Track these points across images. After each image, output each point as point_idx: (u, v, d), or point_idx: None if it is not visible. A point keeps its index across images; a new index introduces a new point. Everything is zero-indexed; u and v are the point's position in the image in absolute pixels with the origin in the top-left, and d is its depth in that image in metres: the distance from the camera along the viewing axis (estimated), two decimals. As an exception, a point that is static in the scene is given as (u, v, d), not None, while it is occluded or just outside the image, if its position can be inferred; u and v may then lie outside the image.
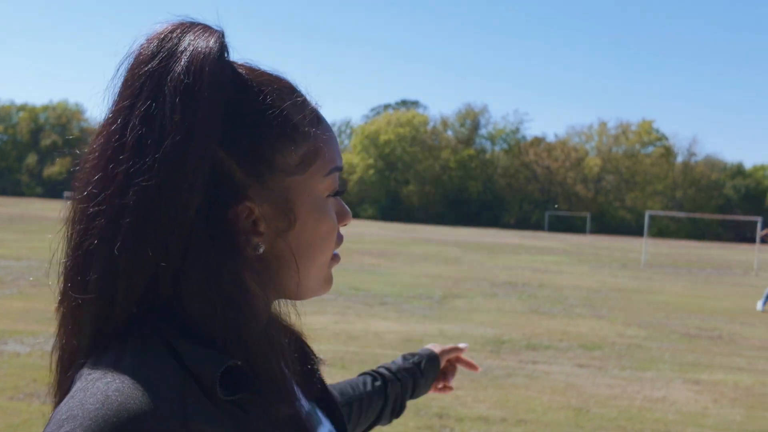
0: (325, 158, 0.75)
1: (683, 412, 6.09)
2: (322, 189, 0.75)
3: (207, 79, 0.66)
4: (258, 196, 0.70)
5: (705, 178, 75.54)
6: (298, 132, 0.72)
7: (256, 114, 0.70)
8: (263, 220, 0.71)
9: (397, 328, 9.34)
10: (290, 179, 0.72)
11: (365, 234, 36.12)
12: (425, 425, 5.28)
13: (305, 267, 0.75)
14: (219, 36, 0.70)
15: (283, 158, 0.71)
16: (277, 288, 0.76)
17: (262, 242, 0.71)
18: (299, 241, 0.73)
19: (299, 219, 0.73)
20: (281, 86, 0.74)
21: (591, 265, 23.31)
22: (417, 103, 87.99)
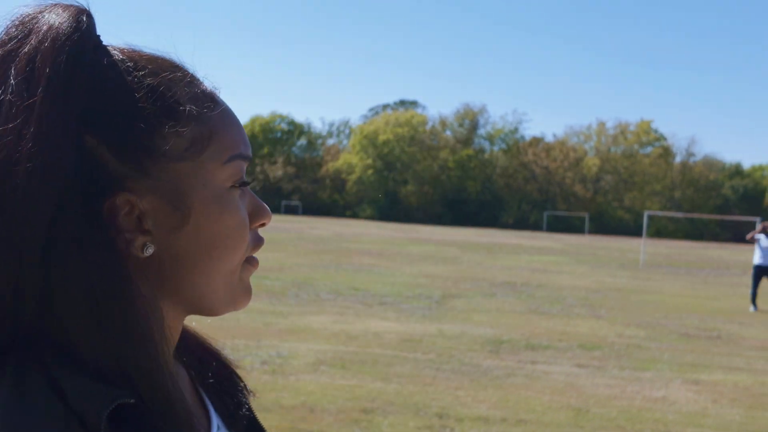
0: (222, 143, 0.64)
1: (683, 412, 6.09)
2: (222, 178, 0.64)
3: (57, 58, 0.56)
4: (140, 187, 0.60)
5: (703, 179, 75.62)
6: (184, 112, 0.62)
7: (128, 93, 0.60)
8: (149, 216, 0.60)
9: (396, 328, 9.34)
10: (178, 166, 0.61)
11: (363, 234, 36.13)
12: (425, 425, 5.27)
13: (210, 271, 0.64)
14: (76, 12, 0.60)
15: (165, 141, 0.60)
16: (178, 299, 0.64)
17: (150, 242, 0.61)
18: (198, 240, 0.62)
19: (194, 213, 0.62)
20: (161, 64, 0.64)
21: (589, 265, 23.33)
22: (415, 103, 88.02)
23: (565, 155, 76.72)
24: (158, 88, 0.61)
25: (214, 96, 0.66)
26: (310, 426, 5.12)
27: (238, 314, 9.57)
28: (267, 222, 0.71)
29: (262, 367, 6.75)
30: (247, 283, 0.69)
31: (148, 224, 0.61)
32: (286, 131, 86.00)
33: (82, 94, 0.57)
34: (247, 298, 0.69)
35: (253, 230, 0.69)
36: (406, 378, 6.67)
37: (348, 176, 79.36)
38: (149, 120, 0.60)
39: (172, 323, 0.66)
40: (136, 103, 0.60)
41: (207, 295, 0.65)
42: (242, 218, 0.66)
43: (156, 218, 0.61)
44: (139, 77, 0.61)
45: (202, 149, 0.62)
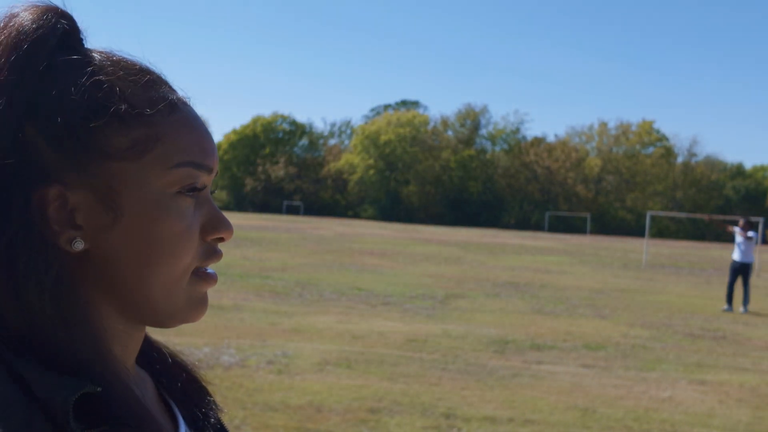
0: (170, 148, 0.63)
1: (690, 412, 6.08)
2: (164, 183, 0.62)
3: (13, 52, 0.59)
4: (74, 182, 0.60)
5: (705, 179, 75.56)
6: (132, 112, 0.62)
7: (75, 89, 0.61)
8: (80, 211, 0.61)
9: (401, 328, 9.33)
10: (116, 165, 0.61)
11: (365, 234, 36.13)
12: (432, 425, 5.27)
13: (145, 277, 0.63)
14: (43, 11, 0.62)
15: (106, 139, 0.61)
16: (121, 303, 0.64)
17: (82, 238, 0.61)
18: (131, 242, 0.62)
19: (127, 214, 0.61)
20: (123, 66, 0.64)
21: (592, 265, 23.31)
22: (417, 103, 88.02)
23: (566, 155, 76.65)
24: (108, 87, 0.62)
25: (174, 102, 0.65)
26: (318, 425, 5.11)
27: (242, 314, 9.58)
28: (226, 237, 0.68)
29: (268, 367, 6.75)
30: (197, 297, 0.67)
31: (80, 219, 0.61)
32: (288, 131, 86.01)
33: (31, 86, 0.59)
34: (195, 313, 0.67)
35: (209, 243, 0.67)
36: (412, 378, 6.66)
37: (350, 176, 79.36)
38: (91, 116, 0.60)
39: (121, 329, 0.65)
40: (80, 98, 0.60)
41: (144, 303, 0.64)
42: (184, 227, 0.64)
43: (88, 215, 0.61)
44: (91, 75, 0.62)
45: (143, 152, 0.62)
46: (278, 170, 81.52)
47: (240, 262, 16.63)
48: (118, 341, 0.65)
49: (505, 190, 77.24)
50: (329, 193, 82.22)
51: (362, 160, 78.07)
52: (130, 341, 0.67)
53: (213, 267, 0.69)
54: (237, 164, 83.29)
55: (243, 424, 5.02)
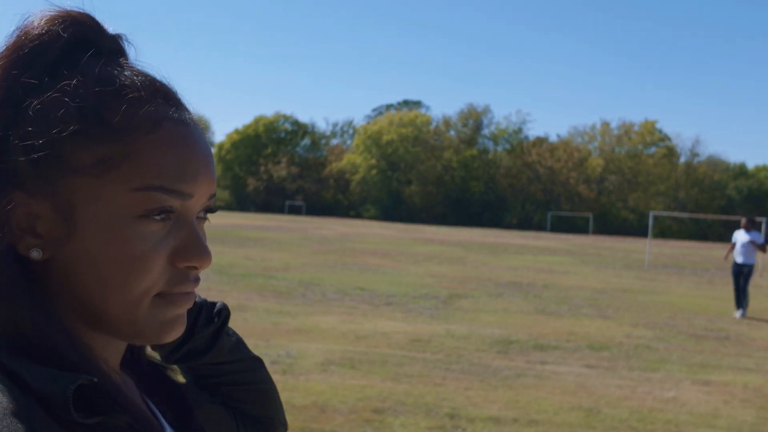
0: (141, 168, 0.61)
1: (694, 413, 6.07)
2: (127, 204, 0.61)
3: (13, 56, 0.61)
4: (38, 192, 0.61)
5: (708, 179, 75.47)
6: (103, 127, 0.60)
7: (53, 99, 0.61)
8: (41, 220, 0.61)
9: (404, 328, 9.33)
10: (78, 180, 0.60)
11: (368, 234, 36.13)
12: (437, 425, 5.26)
13: (101, 295, 0.62)
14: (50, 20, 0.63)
15: (72, 153, 0.60)
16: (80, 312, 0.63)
17: (40, 247, 0.61)
18: (86, 256, 0.61)
19: (81, 230, 0.61)
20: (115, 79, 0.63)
21: (595, 265, 23.29)
22: (419, 103, 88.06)
23: (569, 155, 76.61)
24: (84, 101, 0.61)
25: (158, 121, 0.62)
26: (322, 426, 5.11)
27: (246, 314, 9.58)
28: (198, 266, 0.65)
29: (272, 367, 6.74)
30: (164, 319, 0.64)
31: (40, 228, 0.61)
32: (290, 131, 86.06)
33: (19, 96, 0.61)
34: (162, 334, 0.65)
35: (180, 269, 0.64)
36: (416, 378, 6.66)
37: (352, 176, 79.37)
38: (62, 128, 0.60)
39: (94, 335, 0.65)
40: (56, 111, 0.60)
41: (104, 318, 0.63)
42: (143, 251, 0.61)
43: (47, 225, 0.61)
44: (73, 86, 0.61)
45: (107, 169, 0.60)
46: (280, 170, 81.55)
47: (242, 262, 16.63)
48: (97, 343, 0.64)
49: (508, 190, 77.20)
50: (331, 193, 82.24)
51: (364, 160, 78.08)
52: (108, 345, 0.66)
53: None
54: (239, 164, 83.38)
55: (248, 424, 5.02)
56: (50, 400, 0.55)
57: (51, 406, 0.54)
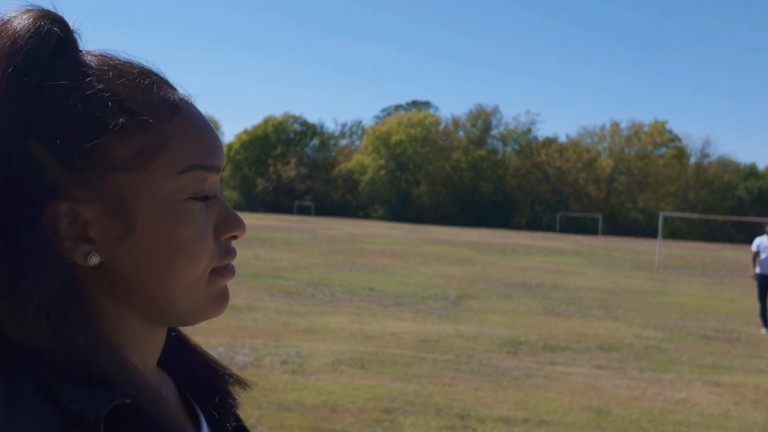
0: (176, 152, 0.61)
1: (705, 414, 6.05)
2: (174, 188, 0.61)
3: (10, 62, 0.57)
4: (83, 196, 0.59)
5: (718, 180, 75.03)
6: (134, 121, 0.60)
7: (75, 100, 0.59)
8: (93, 225, 0.60)
9: (413, 328, 9.34)
10: (122, 176, 0.60)
11: (376, 234, 36.13)
12: (447, 425, 5.27)
13: (164, 283, 0.62)
14: (38, 16, 0.60)
15: (110, 151, 0.59)
16: (141, 309, 0.64)
17: (96, 251, 0.60)
18: (148, 251, 0.61)
19: (140, 223, 0.60)
20: (123, 70, 0.62)
21: (604, 266, 23.22)
22: (428, 103, 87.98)
23: (578, 156, 76.34)
24: (108, 97, 0.60)
25: (176, 104, 0.63)
26: (333, 425, 5.13)
27: (256, 314, 9.61)
28: (238, 234, 0.67)
29: (282, 367, 6.77)
30: (217, 293, 0.66)
31: (93, 233, 0.60)
32: (299, 132, 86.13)
33: (31, 100, 0.57)
34: (217, 308, 0.67)
35: (223, 242, 0.67)
36: (425, 378, 6.67)
37: (360, 177, 79.37)
38: (94, 128, 0.59)
39: (142, 335, 0.65)
40: (81, 111, 0.59)
41: (166, 307, 0.64)
42: (198, 231, 0.63)
43: (101, 227, 0.60)
44: (90, 85, 0.60)
45: (150, 160, 0.60)
46: (289, 170, 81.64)
47: (252, 262, 16.67)
48: (138, 348, 0.65)
49: (516, 191, 77.01)
50: (340, 194, 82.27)
51: (373, 161, 78.06)
52: (151, 346, 0.67)
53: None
54: (248, 164, 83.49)
55: (258, 424, 5.04)
56: (83, 421, 0.54)
57: (84, 426, 0.54)
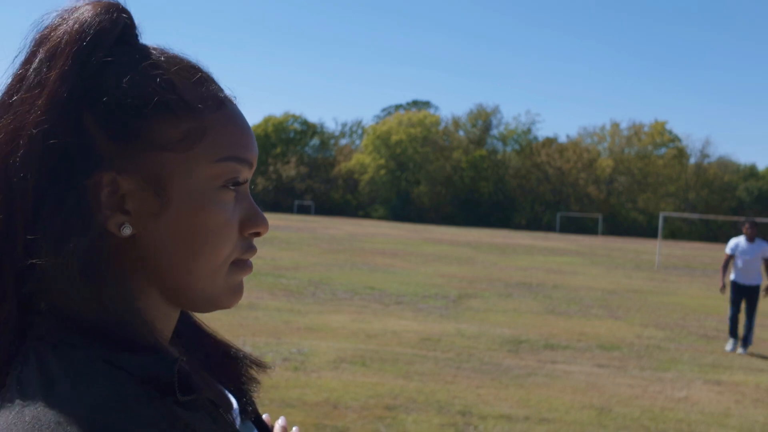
0: (216, 142, 0.66)
1: (706, 412, 6.07)
2: (209, 175, 0.65)
3: (76, 44, 0.62)
4: (126, 169, 0.63)
5: (718, 180, 75.05)
6: (184, 106, 0.65)
7: (131, 81, 0.63)
8: (130, 197, 0.63)
9: (414, 327, 9.35)
10: (166, 155, 0.64)
11: (377, 234, 36.14)
12: (449, 422, 5.29)
13: (188, 264, 0.65)
14: (104, 8, 0.65)
15: (158, 130, 0.63)
16: (161, 287, 0.67)
17: (130, 223, 0.63)
18: (176, 230, 0.64)
19: (174, 203, 0.64)
20: (176, 62, 0.67)
21: (604, 266, 23.24)
22: (428, 103, 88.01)
23: (578, 156, 76.36)
24: (162, 81, 0.64)
25: (222, 99, 0.68)
26: (335, 422, 5.14)
27: (257, 312, 9.62)
28: (262, 231, 0.71)
29: (284, 364, 6.79)
30: (234, 285, 0.70)
31: (130, 205, 0.63)
32: (299, 131, 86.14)
33: (91, 76, 0.62)
34: (233, 299, 0.70)
35: (246, 237, 0.70)
36: (427, 376, 6.68)
37: (360, 176, 79.39)
38: (145, 107, 0.63)
39: (163, 310, 0.68)
40: (136, 90, 0.63)
41: (186, 289, 0.66)
42: (226, 220, 0.66)
43: (137, 201, 0.63)
44: (147, 68, 0.64)
45: (192, 144, 0.64)
46: (289, 170, 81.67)
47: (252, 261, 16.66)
48: (159, 322, 0.67)
49: (517, 191, 77.02)
50: (340, 193, 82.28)
51: (373, 160, 78.07)
52: (167, 325, 0.70)
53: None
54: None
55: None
56: (154, 383, 0.58)
57: (155, 388, 0.58)
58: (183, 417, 0.59)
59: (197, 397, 0.61)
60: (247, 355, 0.82)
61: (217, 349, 0.81)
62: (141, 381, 0.58)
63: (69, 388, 0.56)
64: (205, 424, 0.61)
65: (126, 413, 0.55)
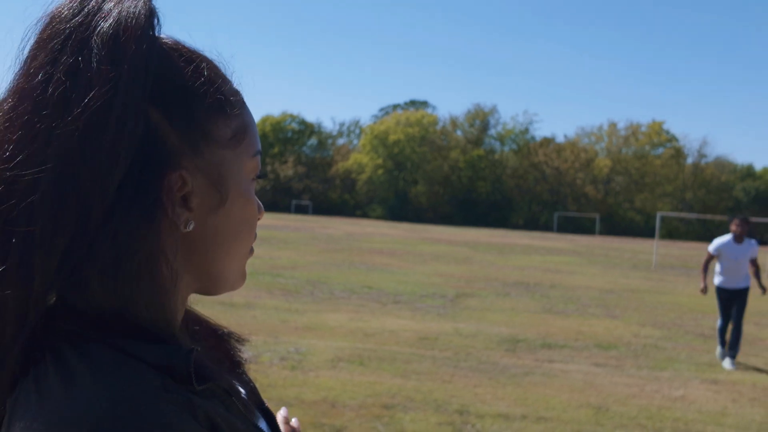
0: (251, 138, 0.70)
1: (703, 411, 6.08)
2: (249, 170, 0.70)
3: (137, 35, 0.60)
4: (192, 167, 0.64)
5: (715, 180, 75.17)
6: (229, 102, 0.67)
7: (191, 79, 0.64)
8: (196, 194, 0.65)
9: (412, 326, 9.36)
10: (223, 152, 0.66)
11: (374, 234, 36.14)
12: (446, 421, 5.29)
13: (232, 253, 0.70)
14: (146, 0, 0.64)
15: (217, 129, 0.66)
16: (197, 275, 0.69)
17: (193, 219, 0.65)
18: (228, 223, 0.68)
19: (230, 197, 0.67)
20: (204, 57, 0.68)
21: (602, 265, 23.26)
22: (426, 103, 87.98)
23: (575, 156, 76.43)
24: (214, 80, 0.66)
25: (242, 96, 0.71)
26: (333, 421, 5.15)
27: (254, 311, 9.62)
28: (260, 218, 0.75)
29: (281, 363, 6.79)
30: (244, 269, 0.75)
31: (194, 202, 0.65)
32: (297, 131, 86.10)
33: (152, 71, 0.61)
34: (242, 282, 0.75)
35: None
36: (424, 375, 6.69)
37: (358, 176, 79.38)
38: (208, 106, 0.65)
39: (185, 297, 0.71)
40: (198, 88, 0.64)
41: (221, 274, 0.70)
42: (256, 209, 0.72)
43: (200, 198, 0.65)
44: (199, 66, 0.65)
45: (240, 140, 0.68)
46: (287, 169, 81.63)
47: (250, 260, 16.59)
48: (178, 311, 0.69)
49: (514, 191, 77.07)
50: (338, 193, 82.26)
51: (371, 160, 78.06)
52: (183, 310, 0.72)
53: None
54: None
55: (258, 419, 5.05)
56: (172, 373, 0.59)
57: (173, 378, 0.59)
58: (201, 405, 0.59)
59: (212, 385, 0.62)
60: (233, 333, 0.86)
61: (208, 331, 0.83)
62: (159, 371, 0.59)
63: (89, 381, 0.56)
64: (220, 411, 0.62)
65: (146, 404, 0.55)
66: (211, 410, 0.60)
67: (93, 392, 0.54)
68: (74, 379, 0.56)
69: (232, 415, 0.63)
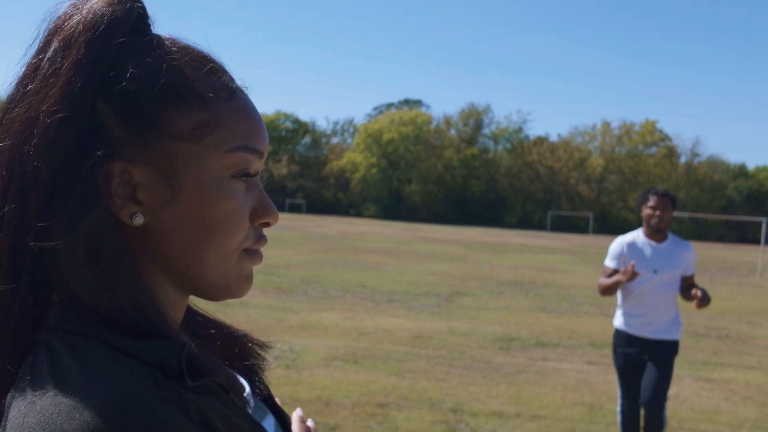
0: (228, 132, 0.66)
1: (696, 409, 6.11)
2: (221, 165, 0.66)
3: (90, 33, 0.62)
4: (139, 158, 0.63)
5: (708, 179, 75.46)
6: (195, 95, 0.65)
7: (145, 70, 0.63)
8: (142, 187, 0.64)
9: (406, 324, 9.36)
10: (178, 145, 0.64)
11: (368, 233, 36.14)
12: (440, 420, 5.30)
13: (200, 253, 0.66)
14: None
15: (171, 120, 0.64)
16: (173, 276, 0.67)
17: (142, 212, 0.64)
18: (188, 219, 0.65)
19: (186, 192, 0.65)
20: (188, 52, 0.68)
21: (595, 264, 23.32)
22: (420, 102, 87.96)
23: (569, 155, 76.61)
24: (175, 71, 0.65)
25: (233, 89, 0.69)
26: (327, 419, 5.15)
27: (248, 310, 9.61)
28: (271, 222, 0.72)
29: (276, 362, 6.78)
30: (245, 273, 0.71)
31: (142, 195, 0.64)
32: (291, 130, 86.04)
33: (105, 65, 0.62)
34: (244, 288, 0.71)
35: (257, 227, 0.71)
36: (419, 374, 6.69)
37: (352, 175, 79.36)
38: (159, 97, 0.63)
39: (172, 298, 0.69)
40: (149, 79, 0.63)
41: (197, 277, 0.67)
42: (237, 209, 0.67)
43: (149, 191, 0.64)
44: (160, 58, 0.65)
45: (204, 134, 0.65)
46: (281, 168, 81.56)
47: (244, 259, 16.62)
48: (169, 309, 0.69)
49: (508, 190, 77.19)
50: (332, 192, 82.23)
51: (365, 159, 78.06)
52: (177, 312, 0.71)
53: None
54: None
55: (253, 418, 5.05)
56: (163, 369, 0.59)
57: (164, 374, 0.59)
58: (193, 401, 0.59)
59: (206, 381, 0.62)
60: (249, 334, 0.86)
61: (221, 332, 0.83)
62: (151, 367, 0.59)
63: (79, 377, 0.56)
64: (216, 408, 0.62)
65: (137, 400, 0.55)
66: (204, 406, 0.60)
67: (82, 388, 0.55)
68: (64, 375, 0.57)
69: (229, 411, 0.63)
